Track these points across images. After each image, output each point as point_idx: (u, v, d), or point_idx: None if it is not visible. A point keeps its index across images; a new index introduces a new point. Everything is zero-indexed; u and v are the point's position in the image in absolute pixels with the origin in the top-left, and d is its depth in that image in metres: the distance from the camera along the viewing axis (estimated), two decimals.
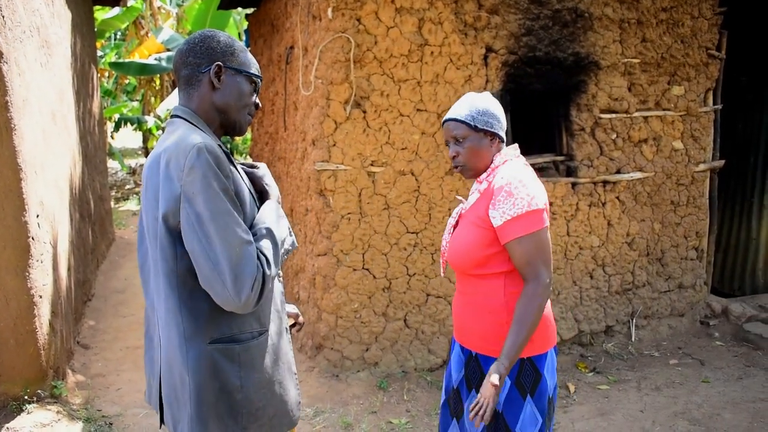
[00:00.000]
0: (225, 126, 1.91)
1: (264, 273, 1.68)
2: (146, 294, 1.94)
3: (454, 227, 2.39)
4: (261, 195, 1.96)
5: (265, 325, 1.88)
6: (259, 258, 1.69)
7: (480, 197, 2.25)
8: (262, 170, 2.01)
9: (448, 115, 2.28)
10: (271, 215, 1.84)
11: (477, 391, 2.27)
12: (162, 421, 1.92)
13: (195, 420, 1.78)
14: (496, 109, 2.27)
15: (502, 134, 2.28)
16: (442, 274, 2.48)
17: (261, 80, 1.94)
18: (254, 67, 1.92)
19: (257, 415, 1.84)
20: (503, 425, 2.20)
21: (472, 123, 2.22)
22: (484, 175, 2.27)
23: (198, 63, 1.83)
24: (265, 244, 1.74)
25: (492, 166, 2.26)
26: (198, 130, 1.78)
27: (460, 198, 2.56)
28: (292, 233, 1.92)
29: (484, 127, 2.23)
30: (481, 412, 2.03)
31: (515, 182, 2.12)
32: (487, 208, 2.17)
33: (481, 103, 2.25)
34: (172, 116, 1.87)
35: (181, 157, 1.63)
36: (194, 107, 1.86)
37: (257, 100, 1.95)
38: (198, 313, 1.74)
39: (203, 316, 1.74)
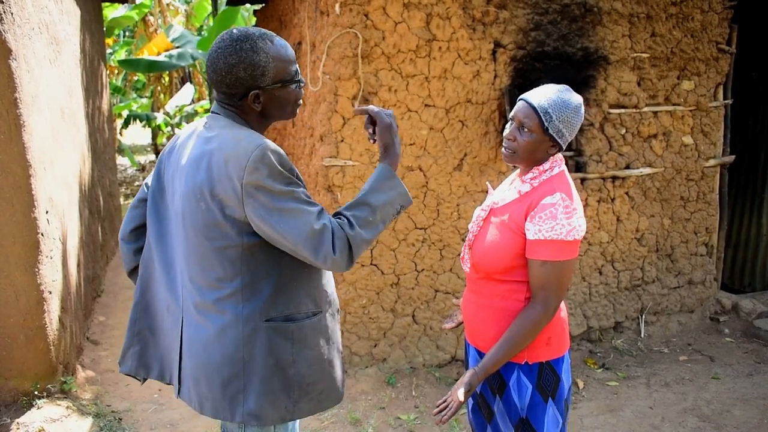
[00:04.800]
0: (269, 120, 1.95)
1: (346, 234, 1.78)
2: (152, 271, 2.04)
3: (484, 220, 2.27)
4: (385, 149, 1.98)
5: (320, 306, 1.97)
6: (340, 224, 1.80)
7: (519, 199, 2.15)
8: (387, 120, 1.97)
9: (530, 97, 2.12)
10: (369, 184, 1.91)
11: (500, 396, 2.25)
12: (179, 393, 2.01)
13: (250, 394, 1.86)
14: (576, 118, 2.11)
15: (564, 145, 2.14)
16: (467, 269, 2.35)
17: (299, 75, 1.92)
18: (290, 67, 1.87)
19: (307, 390, 1.92)
20: (530, 430, 2.19)
21: (545, 124, 2.07)
22: (529, 176, 2.15)
23: (233, 93, 1.84)
24: (353, 211, 1.85)
25: (541, 168, 2.14)
26: (248, 129, 1.84)
27: (489, 186, 2.45)
28: (402, 190, 1.94)
29: (554, 134, 2.08)
30: (443, 413, 2.05)
31: (562, 207, 2.03)
32: (525, 216, 2.09)
33: (566, 107, 2.08)
34: (214, 113, 1.91)
35: (242, 158, 1.70)
36: (238, 113, 1.90)
37: (301, 83, 1.93)
38: (259, 294, 1.83)
39: (263, 297, 1.84)
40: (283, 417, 1.91)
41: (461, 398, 2.03)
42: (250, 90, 1.82)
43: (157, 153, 16.62)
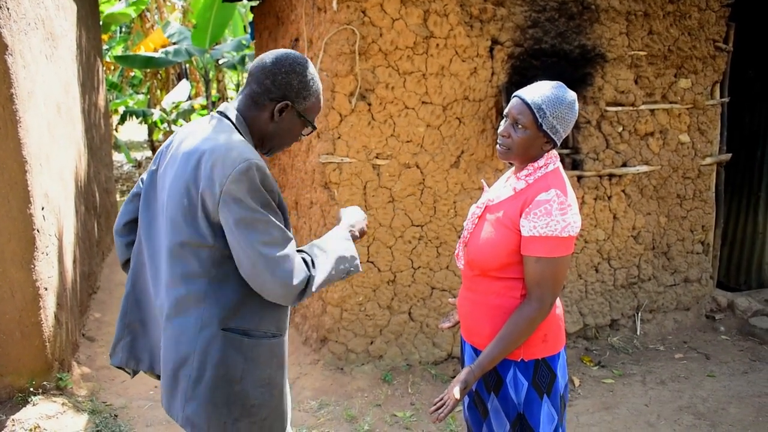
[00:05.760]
0: (262, 143, 1.99)
1: (308, 275, 1.78)
2: (141, 264, 2.05)
3: (480, 218, 2.28)
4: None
5: (282, 330, 1.95)
6: (304, 259, 1.81)
7: (514, 196, 2.15)
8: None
9: (524, 94, 2.12)
10: (329, 236, 1.98)
11: (496, 394, 2.25)
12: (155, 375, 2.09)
13: (192, 399, 1.84)
14: (570, 114, 2.12)
15: (559, 141, 2.14)
16: (460, 266, 2.37)
17: (315, 124, 2.01)
18: (316, 113, 1.99)
19: (251, 411, 1.89)
20: (527, 427, 2.19)
21: (539, 121, 2.08)
22: (524, 172, 2.15)
23: (269, 91, 1.88)
24: (314, 251, 1.87)
25: (535, 165, 2.15)
26: (244, 141, 1.85)
27: (484, 183, 2.45)
28: (356, 257, 1.99)
29: (548, 130, 2.09)
30: (440, 411, 2.05)
31: (557, 204, 2.04)
32: (520, 213, 2.09)
33: (560, 103, 2.09)
34: (221, 113, 1.92)
35: (228, 166, 1.72)
36: (248, 120, 1.93)
37: (311, 130, 2.02)
38: (223, 301, 1.83)
39: (226, 304, 1.83)
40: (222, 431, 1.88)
41: (458, 396, 2.04)
42: (286, 99, 1.88)
43: (153, 149, 16.59)
